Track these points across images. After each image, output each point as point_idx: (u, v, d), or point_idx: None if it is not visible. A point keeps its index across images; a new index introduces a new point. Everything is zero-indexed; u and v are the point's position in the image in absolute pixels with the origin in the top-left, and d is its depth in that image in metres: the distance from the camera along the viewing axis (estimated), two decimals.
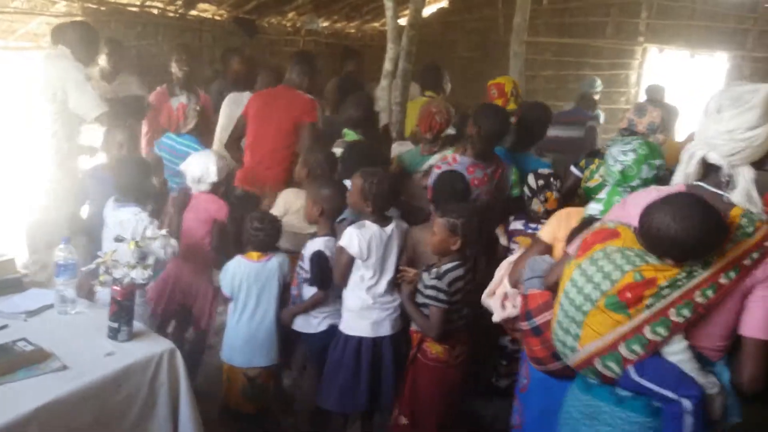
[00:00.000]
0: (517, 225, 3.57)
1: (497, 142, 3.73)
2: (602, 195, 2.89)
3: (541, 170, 3.49)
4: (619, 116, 7.60)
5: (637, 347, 1.92)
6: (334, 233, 3.22)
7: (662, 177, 2.76)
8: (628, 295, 1.90)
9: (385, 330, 3.11)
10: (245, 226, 3.27)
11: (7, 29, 5.91)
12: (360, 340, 3.09)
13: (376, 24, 9.07)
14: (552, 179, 3.43)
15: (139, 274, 2.52)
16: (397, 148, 4.37)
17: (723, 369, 1.96)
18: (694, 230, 1.80)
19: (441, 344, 2.96)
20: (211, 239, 3.54)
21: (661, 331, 1.90)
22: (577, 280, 2.02)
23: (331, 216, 3.25)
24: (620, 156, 2.79)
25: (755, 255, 1.87)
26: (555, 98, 7.32)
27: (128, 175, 3.30)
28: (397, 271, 3.11)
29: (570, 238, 2.44)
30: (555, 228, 2.67)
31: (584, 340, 1.99)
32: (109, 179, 3.51)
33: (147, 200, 3.32)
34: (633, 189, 2.74)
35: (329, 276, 3.14)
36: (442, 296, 2.87)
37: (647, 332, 1.91)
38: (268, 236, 3.23)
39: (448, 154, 3.73)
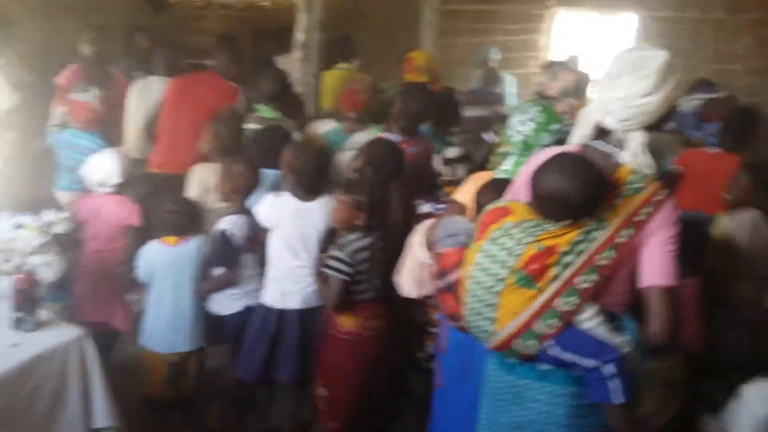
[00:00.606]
0: (426, 208, 3.51)
1: (421, 121, 3.75)
2: (508, 165, 2.93)
3: (448, 153, 3.50)
4: (532, 81, 7.80)
5: (552, 320, 1.94)
6: (246, 211, 3.19)
7: (563, 140, 2.85)
8: (534, 266, 1.93)
9: (294, 303, 3.09)
10: (158, 209, 3.20)
11: None
12: (267, 309, 3.10)
13: None
14: (461, 160, 3.45)
15: (39, 260, 2.44)
16: (320, 126, 4.31)
17: (628, 321, 2.02)
18: (578, 184, 1.86)
19: (352, 317, 2.96)
20: (125, 247, 3.41)
21: (573, 300, 1.93)
22: (482, 262, 2.03)
23: (243, 193, 3.21)
24: (519, 126, 2.87)
25: (647, 210, 1.94)
26: (472, 66, 7.39)
27: None
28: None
29: (480, 193, 2.52)
30: (470, 189, 2.73)
31: (501, 321, 1.99)
32: None
33: None
34: None
35: (233, 255, 3.11)
36: (342, 267, 2.86)
37: (559, 304, 1.94)
38: (183, 218, 3.17)
39: (375, 134, 3.73)
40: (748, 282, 3.11)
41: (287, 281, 3.08)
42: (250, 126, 3.80)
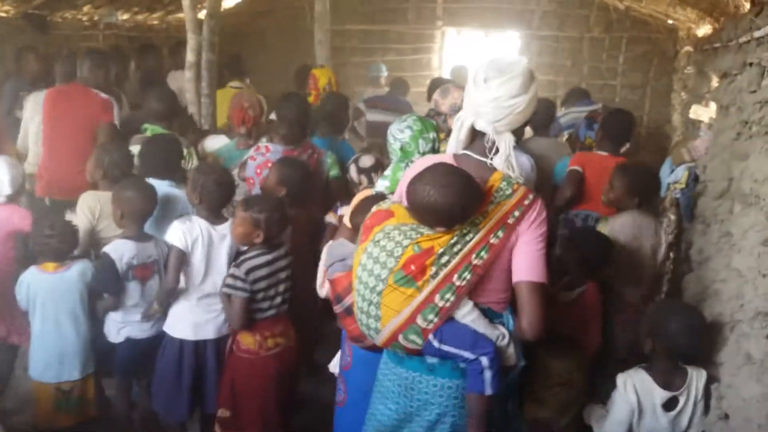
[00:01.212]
0: (343, 211, 3.61)
1: (300, 128, 3.86)
2: (387, 171, 3.08)
3: (363, 161, 3.57)
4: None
5: (431, 316, 2.07)
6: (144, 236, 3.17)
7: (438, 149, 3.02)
8: (412, 267, 2.04)
9: (208, 333, 3.09)
10: (34, 234, 3.14)
11: None
12: (181, 342, 3.07)
13: (180, 15, 8.80)
14: (375, 168, 3.51)
15: None
16: (211, 143, 4.34)
17: (508, 318, 2.17)
18: (449, 195, 1.99)
19: (252, 335, 2.98)
20: (15, 252, 3.34)
21: (449, 296, 2.06)
22: (366, 263, 2.13)
23: (135, 218, 3.15)
24: (398, 134, 3.02)
25: (516, 213, 2.09)
26: (365, 84, 7.56)
27: None
28: None
29: (354, 215, 2.65)
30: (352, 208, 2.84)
31: (384, 319, 2.10)
32: None
33: None
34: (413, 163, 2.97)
35: (114, 281, 3.06)
36: (239, 284, 2.89)
37: (437, 300, 2.06)
38: (61, 243, 3.10)
39: (260, 144, 3.80)
40: (632, 285, 3.32)
41: (199, 311, 3.07)
42: (135, 147, 3.74)
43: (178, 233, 3.00)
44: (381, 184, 3.03)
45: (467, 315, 2.09)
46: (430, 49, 8.40)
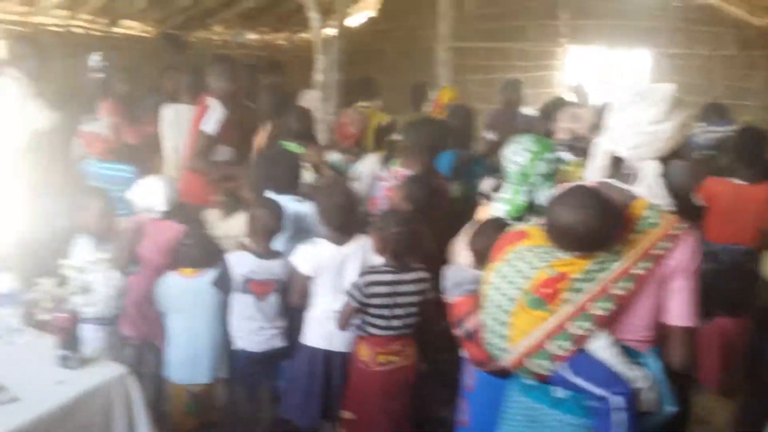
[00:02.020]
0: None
1: (435, 154, 3.81)
2: (506, 194, 2.99)
3: (484, 186, 3.47)
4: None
5: (564, 343, 1.99)
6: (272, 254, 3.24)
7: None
8: (544, 290, 1.98)
9: (338, 345, 3.14)
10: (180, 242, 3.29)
11: None
12: (313, 350, 3.14)
13: (304, 34, 9.09)
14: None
15: (82, 300, 2.51)
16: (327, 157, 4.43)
17: (652, 359, 2.05)
18: (587, 220, 1.91)
19: (366, 347, 3.02)
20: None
21: (586, 325, 1.98)
22: (497, 283, 2.10)
23: (260, 234, 3.23)
24: (514, 157, 2.94)
25: (664, 244, 1.97)
26: (488, 102, 7.51)
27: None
28: None
29: (474, 240, 2.59)
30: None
31: (513, 339, 2.05)
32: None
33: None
34: (533, 185, 2.90)
35: (225, 285, 3.17)
36: (355, 292, 2.95)
37: (571, 327, 1.98)
38: (198, 251, 3.23)
39: (393, 167, 3.83)
40: None
41: (331, 323, 3.10)
42: None
43: (303, 258, 3.10)
44: (500, 208, 2.97)
45: (604, 349, 2.00)
46: (553, 67, 8.23)
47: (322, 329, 3.14)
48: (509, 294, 2.06)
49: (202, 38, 7.78)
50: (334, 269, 3.10)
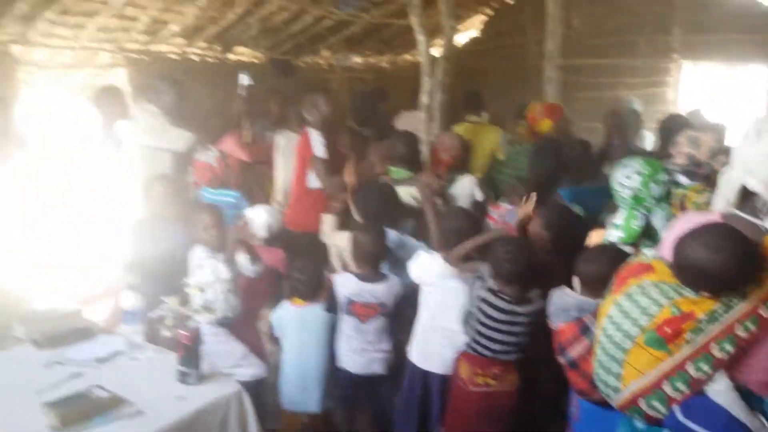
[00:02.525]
0: None
1: (555, 182, 3.73)
2: (619, 220, 2.89)
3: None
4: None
5: (681, 385, 1.89)
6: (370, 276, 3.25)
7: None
8: (667, 329, 1.89)
9: (436, 366, 3.11)
10: (288, 272, 3.39)
11: (55, 82, 6.15)
12: (413, 367, 3.16)
13: (407, 56, 9.19)
14: None
15: (204, 319, 2.60)
16: None
17: None
18: (726, 262, 1.80)
19: (467, 365, 2.99)
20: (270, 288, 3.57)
21: (705, 367, 1.87)
22: (615, 317, 2.01)
23: (364, 258, 3.26)
24: (625, 181, 2.84)
25: None
26: (594, 119, 7.30)
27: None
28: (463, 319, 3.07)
29: (583, 266, 2.50)
30: None
31: (626, 378, 1.97)
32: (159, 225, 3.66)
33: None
34: (648, 209, 2.81)
35: (332, 305, 3.21)
36: (474, 304, 2.94)
37: (690, 369, 1.88)
38: (308, 286, 3.30)
39: (501, 204, 3.82)
40: None
41: (431, 343, 3.11)
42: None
43: (415, 264, 3.15)
44: (613, 234, 2.86)
45: (723, 393, 1.87)
46: (665, 83, 7.91)
47: (422, 348, 3.15)
48: (628, 331, 1.98)
49: (310, 62, 8.00)
50: (441, 285, 3.09)
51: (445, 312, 3.10)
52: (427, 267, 3.11)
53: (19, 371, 2.70)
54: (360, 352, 3.22)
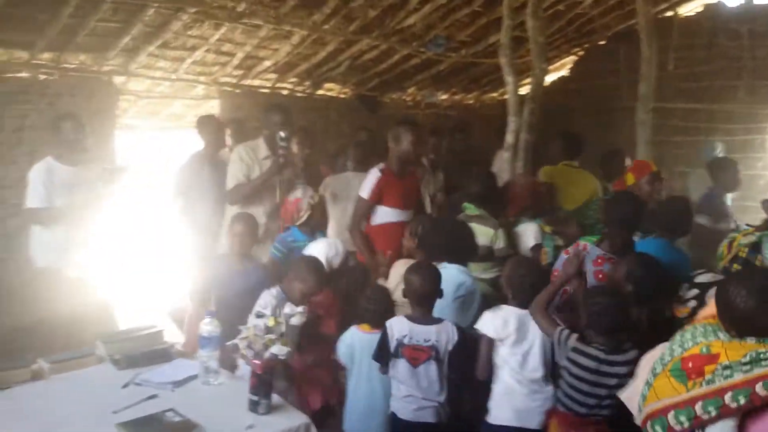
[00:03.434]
0: None
1: (629, 235, 3.60)
2: None
3: (699, 278, 3.10)
4: (756, 182, 7.24)
5: (683, 419, 1.98)
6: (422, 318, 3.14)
7: None
8: (690, 364, 1.99)
9: (532, 421, 2.96)
10: (359, 300, 3.36)
11: (152, 111, 6.47)
12: (501, 430, 2.99)
13: (494, 94, 9.18)
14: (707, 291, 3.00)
15: (278, 350, 2.61)
16: (523, 228, 4.33)
17: None
18: (749, 300, 1.90)
19: (558, 425, 2.86)
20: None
21: (711, 410, 1.93)
22: (669, 345, 2.15)
23: (416, 299, 3.16)
24: None
25: None
26: (685, 164, 7.07)
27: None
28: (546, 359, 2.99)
29: None
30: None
31: (648, 400, 2.10)
32: (230, 270, 3.74)
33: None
34: None
35: (383, 350, 3.09)
36: (563, 354, 2.86)
37: (698, 407, 1.95)
38: (377, 311, 3.26)
39: (580, 242, 3.69)
40: None
41: (522, 397, 2.97)
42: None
43: (488, 321, 3.03)
44: None
45: None
46: (765, 130, 7.56)
47: (510, 404, 2.99)
48: (665, 358, 2.10)
49: (395, 99, 8.10)
50: (519, 335, 2.98)
51: (528, 365, 2.99)
52: (499, 320, 3.01)
53: (98, 390, 2.78)
54: (408, 399, 3.07)
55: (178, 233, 4.97)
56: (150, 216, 5.74)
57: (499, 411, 3.02)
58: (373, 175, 4.25)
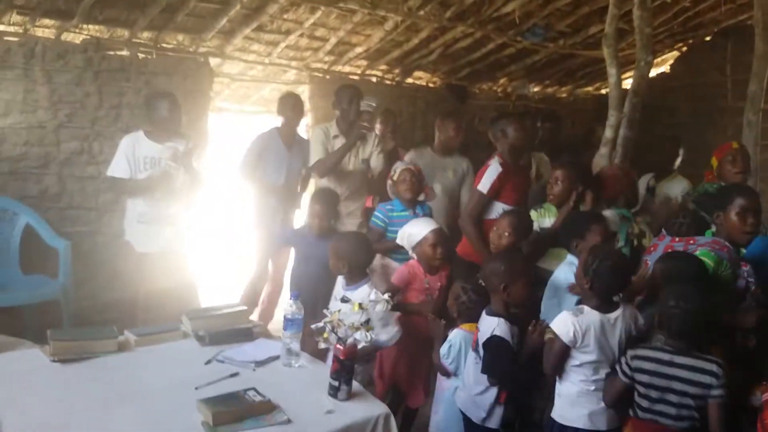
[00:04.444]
0: None
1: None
2: None
3: None
4: None
5: None
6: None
7: None
8: None
9: (603, 424, 2.81)
10: (451, 296, 3.22)
11: (243, 95, 6.54)
12: (569, 430, 2.85)
13: (589, 88, 8.87)
14: None
15: (362, 336, 2.56)
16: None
17: None
18: None
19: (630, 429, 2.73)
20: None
21: None
22: None
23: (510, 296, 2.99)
24: None
25: None
26: None
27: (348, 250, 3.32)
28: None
29: None
30: None
31: None
32: (313, 239, 3.76)
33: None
34: None
35: (507, 368, 2.87)
36: (623, 364, 2.71)
37: None
38: (473, 306, 3.11)
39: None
40: None
41: (594, 399, 2.82)
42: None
43: (566, 325, 2.79)
44: None
45: None
46: None
47: (581, 406, 2.83)
48: None
49: (485, 89, 7.93)
50: (598, 338, 2.79)
51: (605, 365, 2.83)
52: (577, 325, 2.78)
53: (181, 364, 2.82)
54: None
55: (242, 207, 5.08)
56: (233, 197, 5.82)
57: (567, 411, 2.87)
58: (494, 169, 4.11)
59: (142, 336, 3.03)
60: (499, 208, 4.09)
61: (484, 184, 4.10)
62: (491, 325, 2.90)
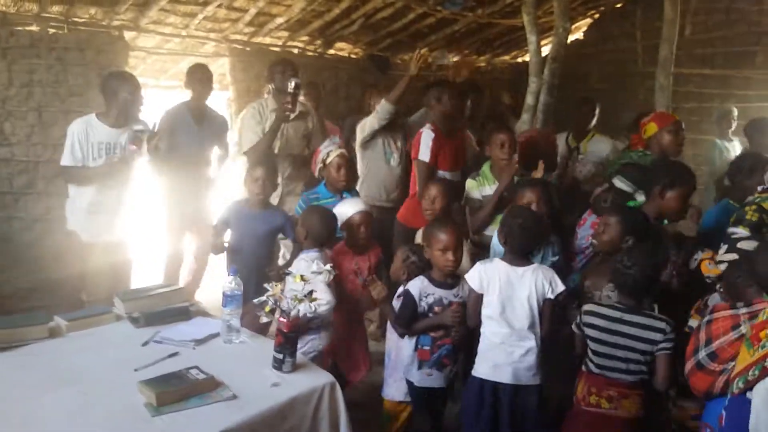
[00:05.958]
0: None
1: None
2: None
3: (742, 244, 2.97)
4: None
5: (741, 384, 2.04)
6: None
7: None
8: (753, 331, 2.06)
9: (505, 377, 2.93)
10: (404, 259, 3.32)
11: (160, 69, 6.34)
12: (482, 381, 2.98)
13: (506, 57, 9.03)
14: None
15: (305, 308, 2.57)
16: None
17: None
18: None
19: (583, 383, 2.89)
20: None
21: (755, 372, 1.98)
22: None
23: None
24: None
25: None
26: (698, 131, 6.99)
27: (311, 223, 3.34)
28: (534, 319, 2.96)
29: None
30: None
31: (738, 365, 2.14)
32: (250, 213, 3.72)
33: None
34: None
35: (408, 317, 3.09)
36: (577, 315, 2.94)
37: (750, 371, 2.01)
38: (424, 268, 3.22)
39: None
40: None
41: (498, 353, 2.95)
42: None
43: (476, 272, 3.02)
44: None
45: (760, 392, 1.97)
46: None
47: (489, 360, 2.98)
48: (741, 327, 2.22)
49: (406, 60, 7.94)
50: (504, 290, 2.96)
51: (509, 320, 2.98)
52: (485, 273, 3.00)
53: (117, 348, 2.75)
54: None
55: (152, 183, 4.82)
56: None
57: (480, 365, 3.01)
58: (427, 136, 4.15)
59: (74, 320, 2.93)
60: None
61: (424, 153, 4.14)
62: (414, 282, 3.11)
